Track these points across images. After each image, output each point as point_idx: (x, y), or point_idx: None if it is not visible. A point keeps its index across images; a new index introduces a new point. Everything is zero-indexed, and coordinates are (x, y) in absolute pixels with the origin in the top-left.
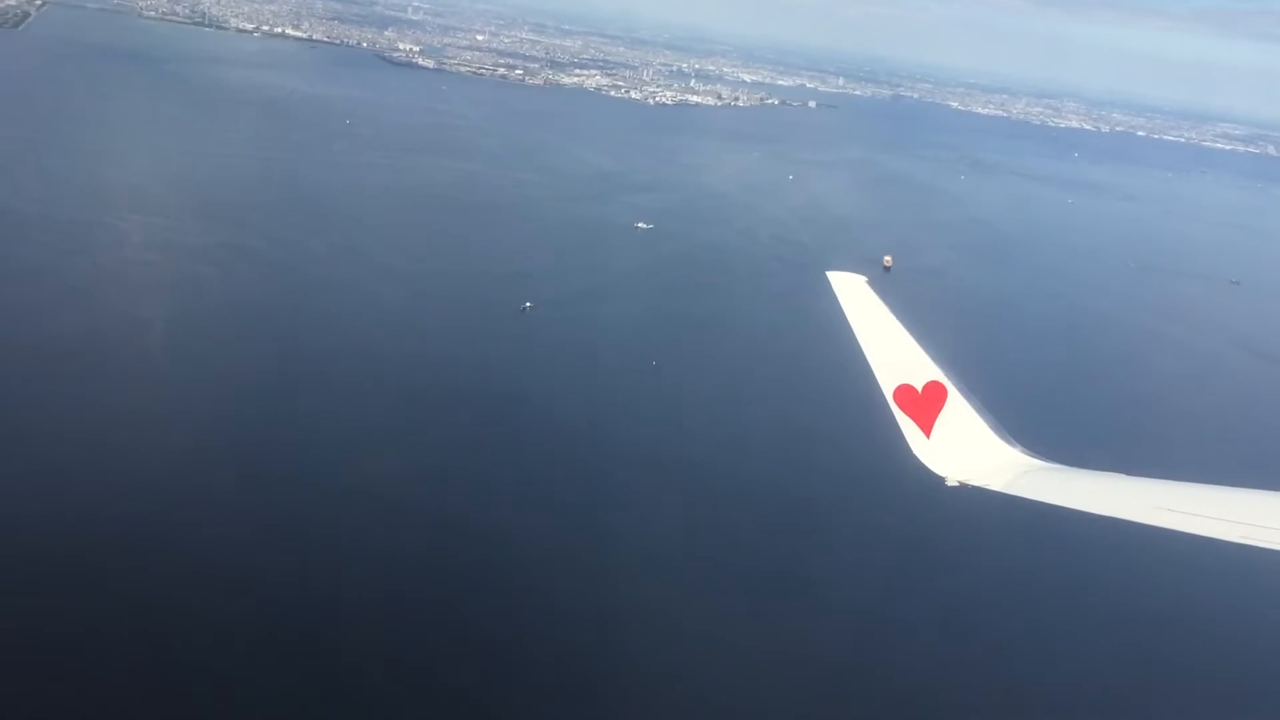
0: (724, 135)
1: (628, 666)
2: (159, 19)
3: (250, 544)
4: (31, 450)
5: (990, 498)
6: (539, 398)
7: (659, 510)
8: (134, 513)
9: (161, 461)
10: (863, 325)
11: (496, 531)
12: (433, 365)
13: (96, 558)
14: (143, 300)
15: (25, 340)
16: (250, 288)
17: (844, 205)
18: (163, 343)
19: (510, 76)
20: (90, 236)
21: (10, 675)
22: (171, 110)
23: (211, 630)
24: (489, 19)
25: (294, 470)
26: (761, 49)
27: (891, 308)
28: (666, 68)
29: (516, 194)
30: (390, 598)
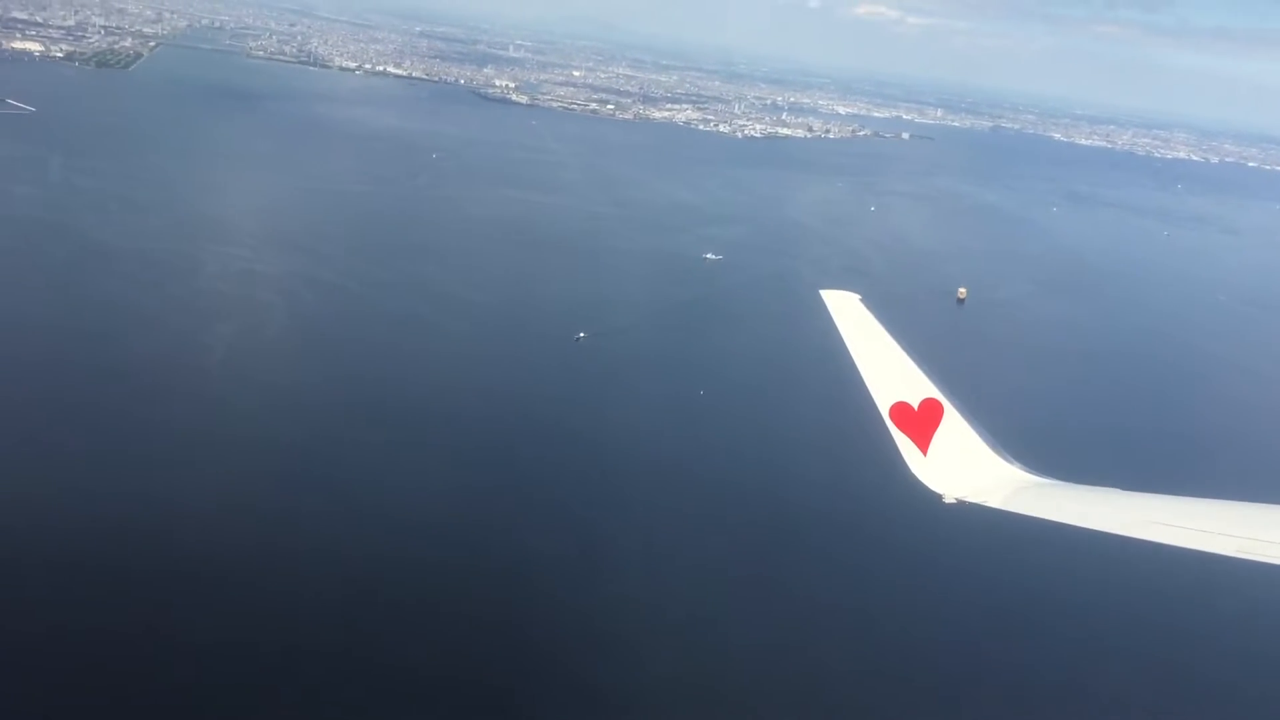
0: (809, 167)
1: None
2: (266, 59)
3: (296, 562)
4: (84, 467)
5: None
6: (577, 426)
7: (690, 536)
8: (179, 526)
9: (206, 483)
10: (858, 343)
11: (528, 550)
12: (478, 392)
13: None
14: (208, 328)
15: (93, 365)
16: (314, 316)
17: (924, 237)
18: (221, 368)
19: (601, 111)
20: (168, 266)
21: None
22: (264, 145)
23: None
24: (588, 55)
25: (339, 493)
26: (860, 81)
27: (888, 327)
28: (760, 101)
29: (590, 226)
30: (452, 614)
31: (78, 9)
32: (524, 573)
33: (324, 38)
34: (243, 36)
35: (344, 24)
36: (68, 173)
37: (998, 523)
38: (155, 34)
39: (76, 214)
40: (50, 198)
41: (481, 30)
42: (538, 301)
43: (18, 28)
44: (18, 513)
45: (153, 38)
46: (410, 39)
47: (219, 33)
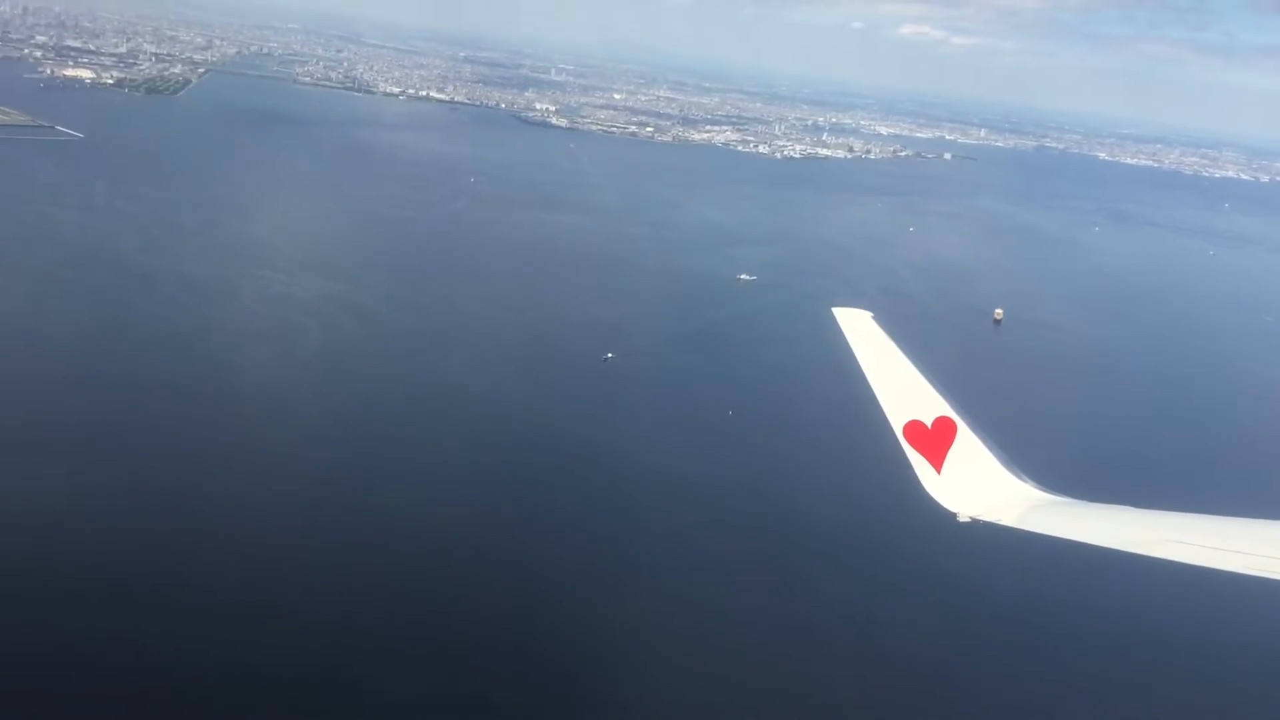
0: (848, 188)
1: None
2: (313, 85)
3: (321, 573)
4: (121, 483)
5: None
6: (600, 445)
7: (712, 554)
8: (213, 544)
9: (234, 497)
10: (870, 362)
11: (552, 565)
12: (504, 412)
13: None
14: (242, 349)
15: (127, 385)
16: (346, 338)
17: (963, 257)
18: (253, 389)
19: (640, 134)
20: (207, 289)
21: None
22: (306, 170)
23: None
24: (630, 78)
25: (366, 509)
26: (903, 102)
27: (899, 344)
28: (801, 122)
29: (624, 248)
30: (477, 626)
31: (130, 36)
32: (547, 586)
33: (369, 63)
34: (290, 63)
35: (390, 50)
36: (112, 197)
37: (1012, 541)
38: (205, 60)
39: (120, 238)
40: (95, 222)
41: (525, 55)
42: (568, 322)
43: (71, 55)
44: (56, 525)
45: (202, 64)
46: (454, 64)
47: (267, 59)
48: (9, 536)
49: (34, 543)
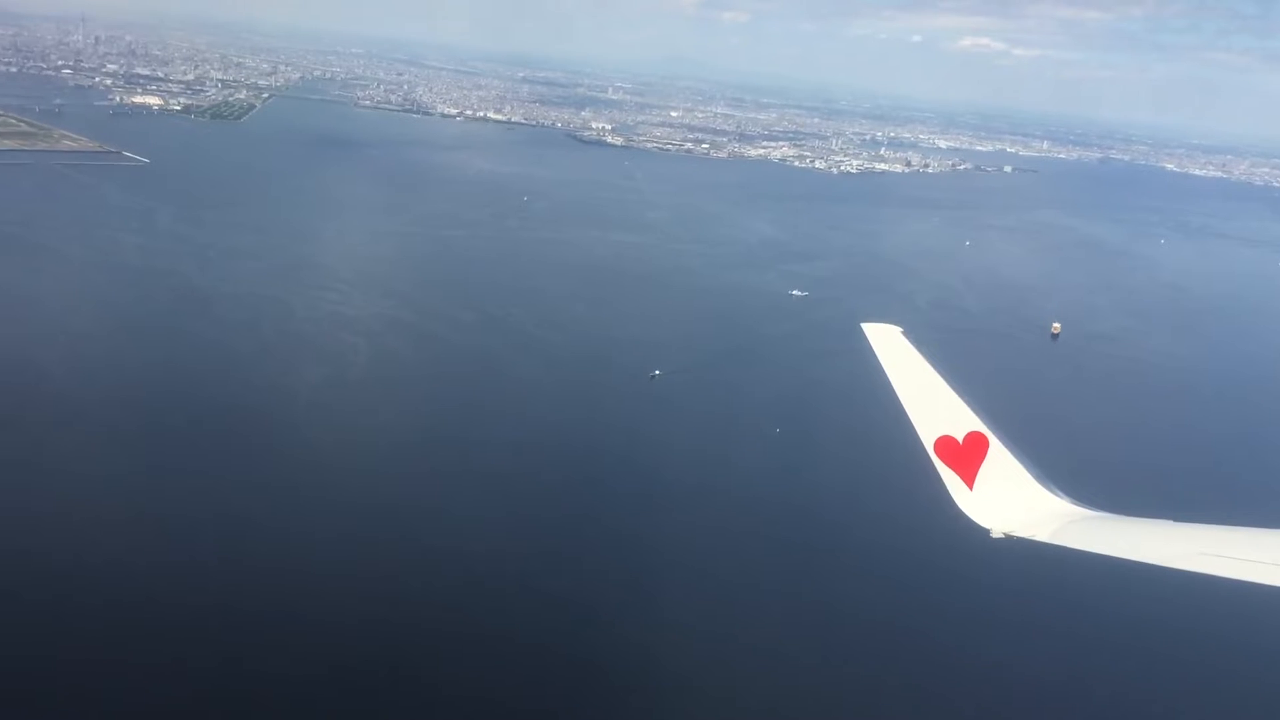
0: (905, 202)
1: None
2: (372, 107)
3: (365, 589)
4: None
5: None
6: (641, 462)
7: (757, 573)
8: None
9: (282, 514)
10: (900, 377)
11: (595, 581)
12: (549, 428)
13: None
14: (293, 368)
15: (178, 402)
16: (395, 357)
17: (1022, 271)
18: (303, 407)
19: (695, 151)
20: (259, 309)
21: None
22: (362, 191)
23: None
24: (688, 95)
25: (411, 524)
26: (964, 115)
27: (930, 359)
28: (859, 137)
29: (675, 264)
30: (521, 642)
31: (198, 64)
32: (591, 600)
33: (429, 86)
34: (351, 86)
35: (449, 72)
36: (174, 221)
37: (1047, 557)
38: (269, 86)
39: (179, 260)
40: (157, 245)
41: (583, 74)
42: (616, 339)
43: (140, 83)
44: (117, 537)
45: (266, 89)
46: (512, 85)
47: (329, 83)
48: (49, 544)
49: (77, 554)
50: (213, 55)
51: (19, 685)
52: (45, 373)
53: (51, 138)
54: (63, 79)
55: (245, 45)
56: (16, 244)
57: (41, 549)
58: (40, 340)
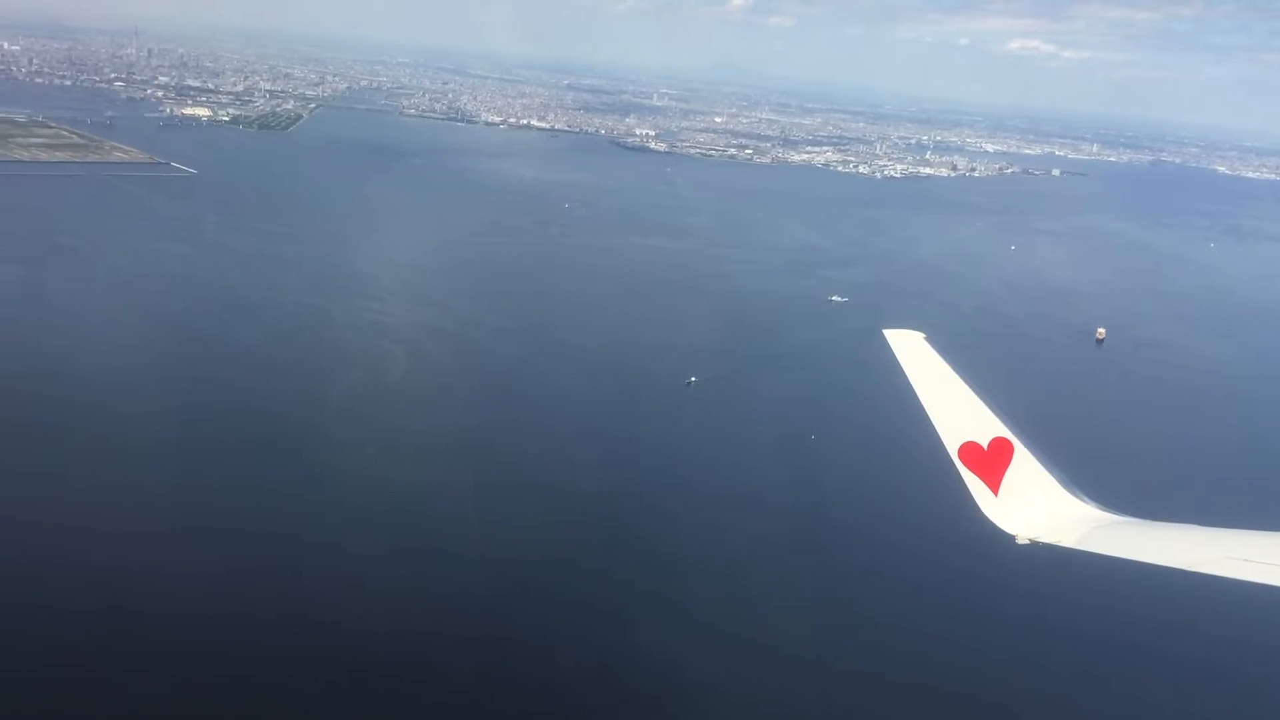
0: (950, 207)
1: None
2: (417, 116)
3: (393, 597)
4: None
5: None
6: (674, 468)
7: (781, 580)
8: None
9: (316, 522)
10: (923, 383)
11: (626, 588)
12: (583, 435)
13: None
14: (332, 376)
15: (218, 411)
16: (433, 364)
17: (1066, 276)
18: (338, 414)
19: (739, 156)
20: (301, 318)
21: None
22: (404, 199)
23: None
24: (733, 101)
25: (443, 532)
26: (1012, 118)
27: (953, 365)
28: (904, 141)
29: (715, 270)
30: (551, 652)
31: (247, 75)
32: (622, 609)
33: (473, 94)
34: (397, 96)
35: (494, 80)
36: (220, 231)
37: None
38: (316, 96)
39: (224, 269)
40: (202, 254)
41: (628, 81)
42: (653, 346)
43: (190, 95)
44: (158, 546)
45: (313, 100)
46: (557, 92)
47: (375, 93)
48: (95, 555)
49: (120, 560)
50: (262, 66)
51: (56, 691)
52: (88, 381)
53: (103, 149)
54: (115, 91)
55: (294, 56)
56: (64, 254)
57: (80, 556)
58: (84, 349)
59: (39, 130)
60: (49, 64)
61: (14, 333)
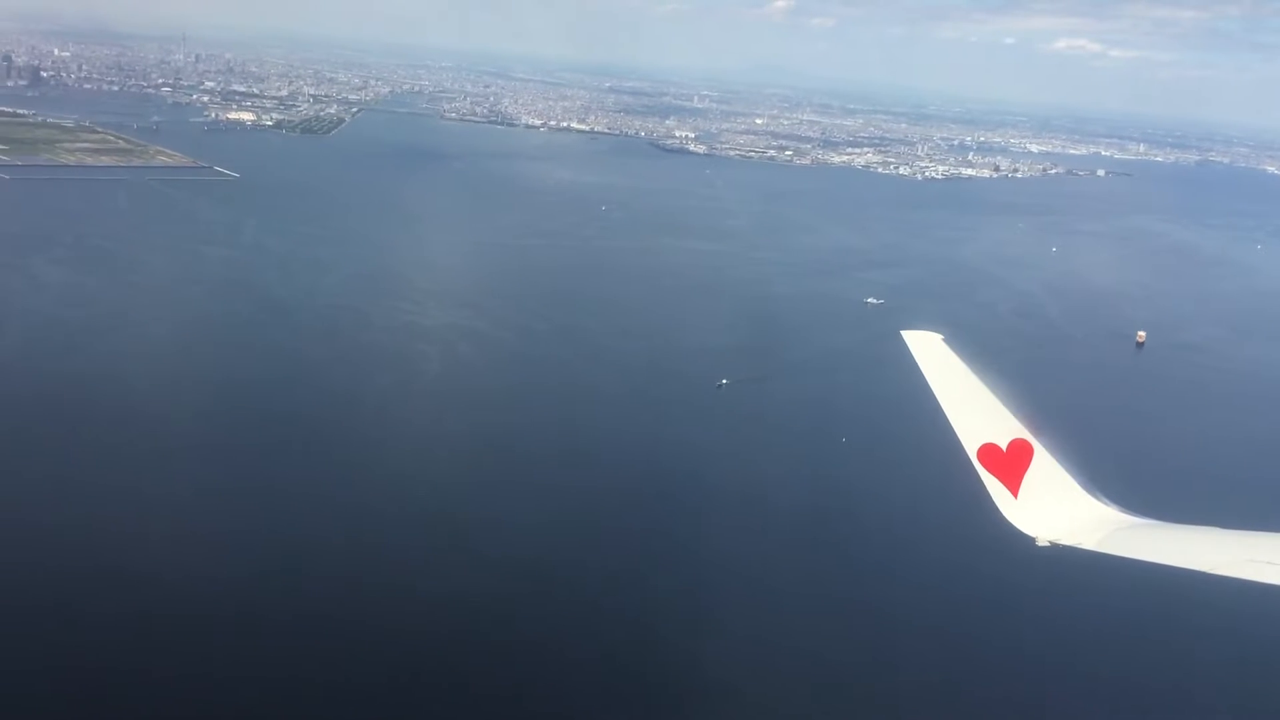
0: (991, 208)
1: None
2: (458, 120)
3: (424, 597)
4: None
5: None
6: (701, 470)
7: (807, 581)
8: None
9: (344, 522)
10: (942, 384)
11: (654, 591)
12: (612, 437)
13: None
14: (365, 377)
15: (251, 413)
16: (464, 365)
17: (1108, 278)
18: (372, 415)
19: (778, 158)
20: (336, 319)
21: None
22: (441, 202)
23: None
24: (774, 103)
25: (472, 533)
26: (1058, 118)
27: (972, 366)
28: (947, 142)
29: (749, 272)
30: (579, 654)
31: (292, 80)
32: (647, 612)
33: (514, 98)
34: (438, 99)
35: (536, 83)
36: (259, 233)
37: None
38: (359, 100)
39: (261, 272)
40: (240, 257)
41: (669, 83)
42: (685, 348)
43: (235, 99)
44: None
45: (356, 104)
46: (598, 95)
47: (417, 97)
48: (129, 558)
49: (150, 563)
50: (306, 71)
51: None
52: (122, 382)
53: (147, 154)
54: (162, 96)
55: (339, 61)
56: (104, 257)
57: (117, 558)
58: (119, 350)
59: (86, 135)
60: (98, 70)
61: (50, 334)
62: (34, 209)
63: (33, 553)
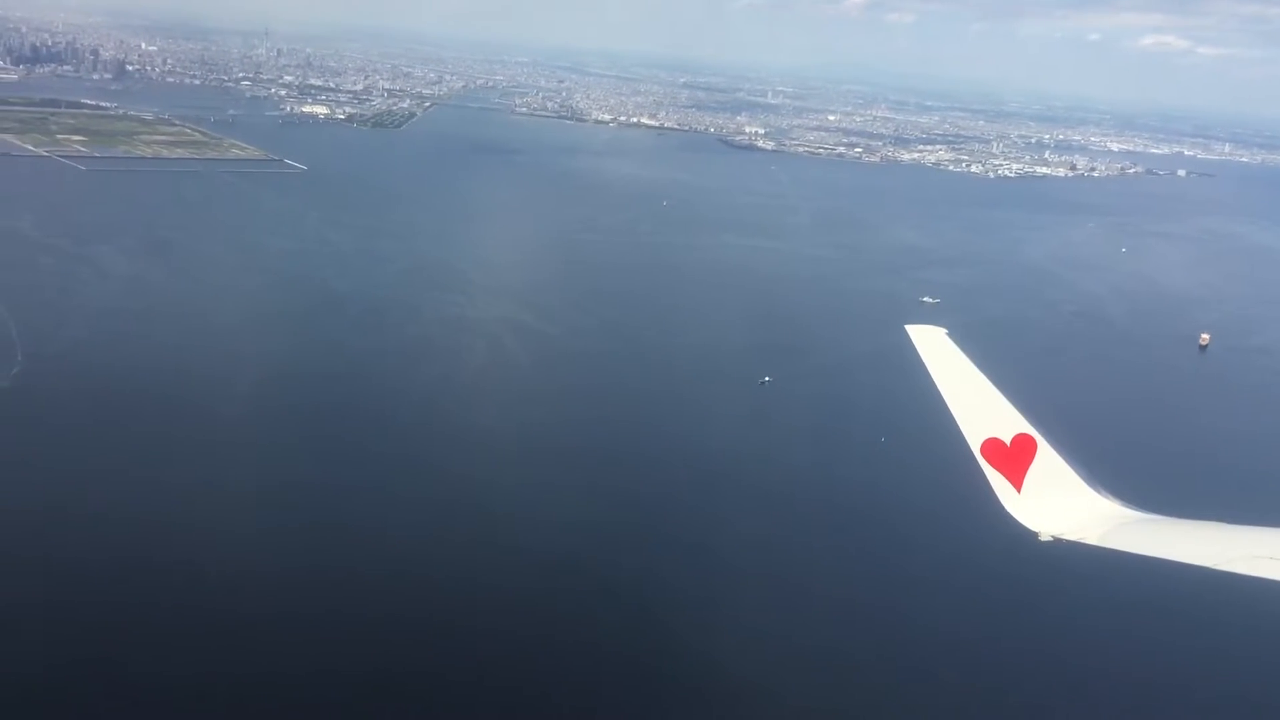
0: (1062, 207)
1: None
2: (529, 115)
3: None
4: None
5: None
6: (732, 468)
7: (830, 581)
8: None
9: (377, 511)
10: (945, 379)
11: (684, 587)
12: (650, 432)
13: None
14: (410, 369)
15: (293, 405)
16: (508, 359)
17: (1178, 280)
18: (413, 408)
19: (847, 155)
20: (386, 312)
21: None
22: (503, 197)
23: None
24: (849, 99)
25: (507, 529)
26: (1143, 116)
27: (974, 360)
28: (1024, 139)
29: (805, 270)
30: (614, 655)
31: (368, 74)
32: (667, 605)
33: (586, 93)
34: (510, 94)
35: (611, 79)
36: (320, 225)
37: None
38: (432, 95)
39: (319, 263)
40: (300, 248)
41: (745, 79)
42: (732, 345)
43: (311, 93)
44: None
45: (429, 99)
46: (672, 90)
47: (490, 92)
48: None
49: (212, 554)
50: (384, 66)
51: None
52: (173, 370)
53: (221, 146)
54: (241, 90)
55: (416, 56)
56: (168, 247)
57: (168, 551)
58: (172, 343)
59: (163, 128)
60: (182, 64)
61: (108, 323)
62: (106, 199)
63: (89, 545)
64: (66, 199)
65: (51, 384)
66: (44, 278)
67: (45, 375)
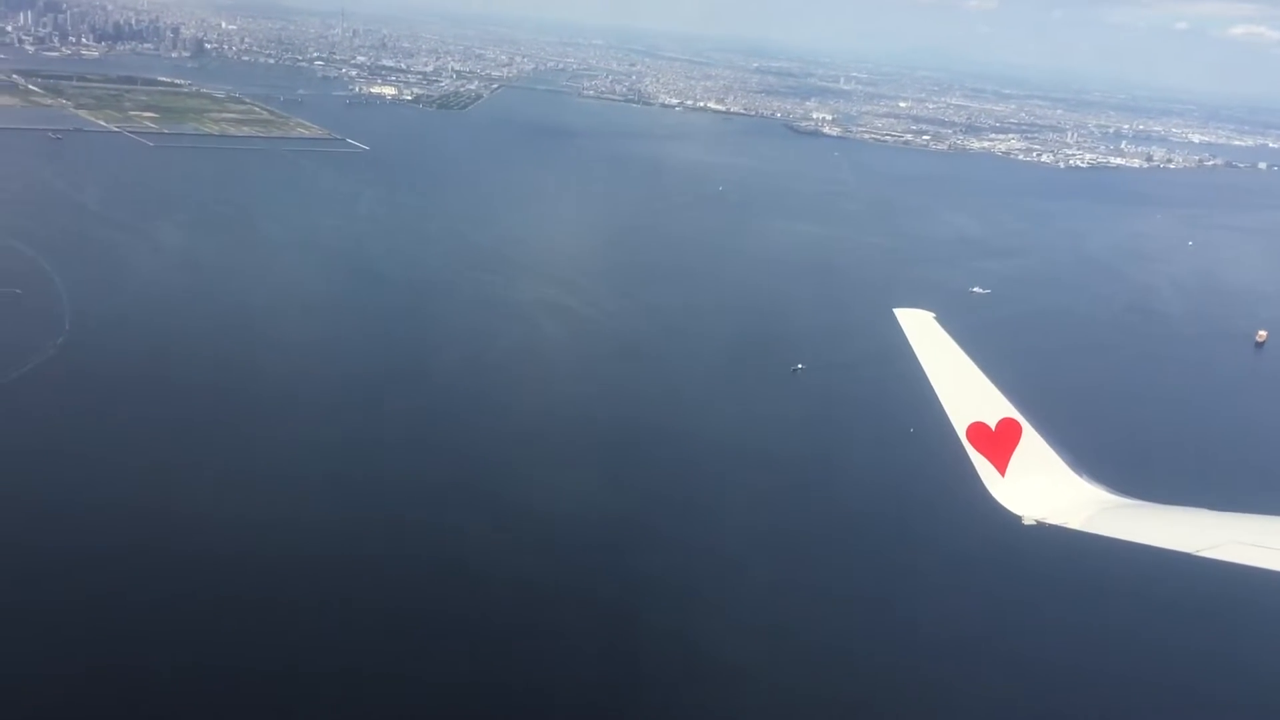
0: (1131, 199)
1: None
2: (595, 97)
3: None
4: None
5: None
6: (756, 456)
7: (839, 572)
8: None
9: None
10: (932, 363)
11: (704, 571)
12: (678, 416)
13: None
14: (442, 349)
15: (321, 380)
16: (543, 342)
17: (1242, 275)
18: (444, 388)
19: (915, 142)
20: (430, 293)
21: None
22: (560, 179)
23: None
24: (924, 86)
25: (533, 513)
26: (1229, 108)
27: (963, 345)
28: (1101, 129)
29: (856, 257)
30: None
31: (440, 56)
32: (698, 591)
33: (656, 76)
34: (580, 77)
35: (683, 62)
36: (375, 205)
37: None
38: (501, 77)
39: (369, 242)
40: (351, 227)
41: (819, 64)
42: (769, 331)
43: (381, 74)
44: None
45: (498, 80)
46: (743, 75)
47: (560, 74)
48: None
49: (235, 540)
50: (456, 47)
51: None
52: (221, 349)
53: (286, 125)
54: (314, 70)
55: (489, 37)
56: (224, 223)
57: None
58: (216, 322)
59: (233, 106)
60: (258, 43)
61: (158, 295)
62: (169, 175)
63: (128, 529)
64: (131, 175)
65: (92, 357)
66: (100, 251)
67: (88, 348)
